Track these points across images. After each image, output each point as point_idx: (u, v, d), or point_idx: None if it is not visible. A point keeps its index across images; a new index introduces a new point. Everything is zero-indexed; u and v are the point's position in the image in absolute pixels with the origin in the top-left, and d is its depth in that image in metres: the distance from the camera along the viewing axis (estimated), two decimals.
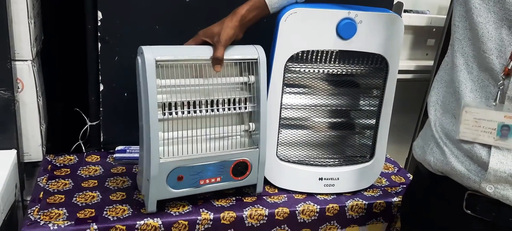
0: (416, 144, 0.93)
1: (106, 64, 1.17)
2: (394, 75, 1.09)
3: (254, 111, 1.02)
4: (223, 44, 0.95)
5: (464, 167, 0.80)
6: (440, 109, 0.86)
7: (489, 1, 0.75)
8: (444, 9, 1.89)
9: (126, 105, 1.20)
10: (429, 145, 0.87)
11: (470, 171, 0.79)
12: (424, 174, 0.89)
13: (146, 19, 1.16)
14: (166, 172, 0.95)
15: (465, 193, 0.81)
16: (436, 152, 0.85)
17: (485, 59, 0.76)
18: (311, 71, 1.09)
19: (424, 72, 1.86)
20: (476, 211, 0.80)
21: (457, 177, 0.81)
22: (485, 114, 0.77)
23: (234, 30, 0.96)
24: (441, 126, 0.85)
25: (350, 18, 1.01)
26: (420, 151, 0.90)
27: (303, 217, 1.07)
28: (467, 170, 0.79)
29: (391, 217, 1.15)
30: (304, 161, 1.14)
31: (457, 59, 0.81)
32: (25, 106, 1.13)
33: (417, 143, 0.92)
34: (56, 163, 1.16)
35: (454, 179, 0.82)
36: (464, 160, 0.80)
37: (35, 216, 0.93)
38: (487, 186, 0.77)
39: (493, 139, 0.76)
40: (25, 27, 1.07)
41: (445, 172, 0.84)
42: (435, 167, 0.85)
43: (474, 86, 0.79)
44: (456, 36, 0.82)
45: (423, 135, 0.91)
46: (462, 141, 0.79)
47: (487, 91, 0.77)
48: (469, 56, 0.79)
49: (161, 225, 0.96)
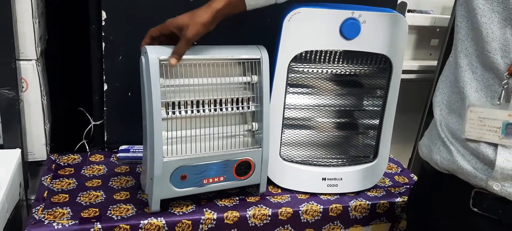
0: (422, 143, 0.93)
1: (110, 63, 1.17)
2: (398, 76, 1.09)
3: (257, 111, 1.02)
4: (189, 40, 0.90)
5: (471, 165, 0.80)
6: (445, 109, 0.86)
7: (493, 1, 0.75)
8: (448, 9, 1.88)
9: (129, 105, 1.20)
10: (436, 144, 0.87)
11: (476, 169, 0.79)
12: (430, 173, 0.89)
13: (150, 19, 1.15)
14: (170, 171, 0.95)
15: (472, 191, 0.81)
16: (442, 151, 0.85)
17: (489, 59, 0.76)
18: (314, 72, 1.09)
19: (428, 72, 1.85)
20: (483, 208, 0.81)
21: (464, 175, 0.82)
22: (490, 113, 0.77)
23: (205, 27, 0.90)
24: (447, 125, 0.85)
25: (354, 18, 1.01)
26: (426, 150, 0.90)
27: (306, 217, 1.07)
28: (474, 168, 0.80)
29: (395, 217, 1.15)
30: (308, 161, 1.14)
31: (460, 60, 0.82)
32: (29, 106, 1.14)
33: (423, 142, 0.92)
34: (60, 162, 1.16)
35: (461, 177, 0.82)
36: (470, 159, 0.80)
37: (40, 215, 0.94)
38: (494, 184, 0.78)
39: (498, 137, 0.76)
40: (30, 27, 1.08)
41: (451, 171, 0.84)
42: (442, 165, 0.85)
43: (478, 86, 0.79)
44: (459, 36, 0.82)
45: (429, 134, 0.91)
46: (468, 139, 0.80)
47: (492, 91, 0.77)
48: (473, 56, 0.80)
49: (165, 224, 0.97)
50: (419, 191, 0.97)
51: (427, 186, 0.93)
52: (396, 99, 1.11)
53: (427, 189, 0.93)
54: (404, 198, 1.15)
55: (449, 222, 0.86)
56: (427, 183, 0.93)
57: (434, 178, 0.88)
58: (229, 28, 1.18)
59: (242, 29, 1.16)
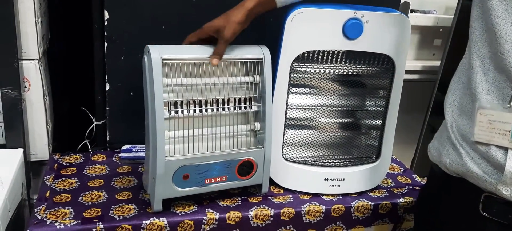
0: (431, 145, 0.92)
1: (112, 63, 1.17)
2: (400, 76, 1.08)
3: (260, 111, 1.02)
4: (227, 40, 0.94)
5: (480, 169, 0.79)
6: (457, 111, 0.85)
7: (508, 2, 0.73)
8: (451, 9, 1.88)
9: (132, 105, 1.20)
10: (445, 147, 0.86)
11: (486, 173, 0.78)
12: (439, 175, 0.88)
13: (153, 19, 1.16)
14: (172, 171, 0.95)
15: (482, 195, 0.80)
16: (452, 153, 0.84)
17: (502, 61, 0.75)
18: (317, 72, 1.09)
19: (431, 73, 1.85)
20: (493, 213, 0.80)
21: (473, 178, 0.80)
22: (499, 116, 0.76)
23: (240, 25, 0.95)
24: (458, 127, 0.84)
25: (357, 18, 1.01)
26: (435, 152, 0.89)
27: (308, 218, 1.07)
28: (483, 172, 0.79)
29: (397, 218, 1.15)
30: (310, 161, 1.13)
31: (473, 61, 0.80)
32: (31, 105, 1.14)
33: (433, 144, 0.91)
34: (63, 162, 1.16)
35: (470, 180, 0.81)
36: (480, 162, 0.79)
37: (42, 215, 0.94)
38: (503, 188, 0.76)
39: (507, 141, 0.75)
40: (32, 27, 1.08)
41: (461, 174, 0.83)
42: (451, 168, 0.84)
43: (490, 88, 0.78)
44: (473, 37, 0.81)
45: (439, 136, 0.90)
46: (478, 142, 0.79)
47: (504, 93, 0.76)
48: (486, 57, 0.78)
49: (167, 224, 0.96)
50: (428, 194, 0.96)
51: (436, 189, 0.92)
52: (399, 100, 1.11)
53: (436, 192, 0.92)
54: (407, 199, 1.14)
55: (458, 226, 0.85)
56: (436, 186, 0.92)
57: (443, 181, 0.87)
58: None
59: (244, 29, 1.16)
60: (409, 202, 1.14)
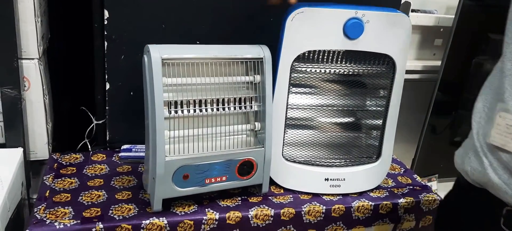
0: (457, 153, 0.87)
1: (112, 62, 1.17)
2: (401, 76, 1.08)
3: (260, 111, 1.02)
4: None
5: (502, 180, 0.75)
6: (485, 117, 0.80)
7: None
8: (452, 9, 1.87)
9: (132, 104, 1.20)
10: (468, 154, 0.82)
11: (507, 185, 0.74)
12: (463, 185, 0.84)
13: (153, 18, 1.16)
14: (172, 170, 0.95)
15: (504, 208, 0.77)
16: (474, 162, 0.80)
17: None
18: (317, 71, 1.08)
19: (431, 73, 1.85)
20: None
21: (494, 190, 0.77)
22: None
23: None
24: (484, 134, 0.79)
25: (357, 18, 1.01)
26: (459, 160, 0.85)
27: (309, 218, 1.07)
28: (505, 183, 0.74)
29: (398, 218, 1.15)
30: (310, 161, 1.13)
31: (505, 64, 0.76)
32: (31, 105, 1.13)
33: (459, 152, 0.87)
34: (62, 161, 1.16)
35: (492, 191, 0.78)
36: (502, 173, 0.75)
37: (42, 215, 0.94)
38: None
39: None
40: (32, 26, 1.07)
41: (482, 184, 0.80)
42: (472, 177, 0.81)
43: None
44: (506, 39, 0.76)
45: (466, 144, 0.86)
46: (499, 149, 0.75)
47: None
48: None
49: (167, 224, 0.96)
50: (451, 202, 0.93)
51: (459, 198, 0.89)
52: (400, 100, 1.11)
53: (458, 201, 0.89)
54: (407, 199, 1.14)
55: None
56: (459, 195, 0.89)
57: (466, 191, 0.83)
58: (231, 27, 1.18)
59: (244, 29, 1.15)
60: (409, 202, 1.14)
